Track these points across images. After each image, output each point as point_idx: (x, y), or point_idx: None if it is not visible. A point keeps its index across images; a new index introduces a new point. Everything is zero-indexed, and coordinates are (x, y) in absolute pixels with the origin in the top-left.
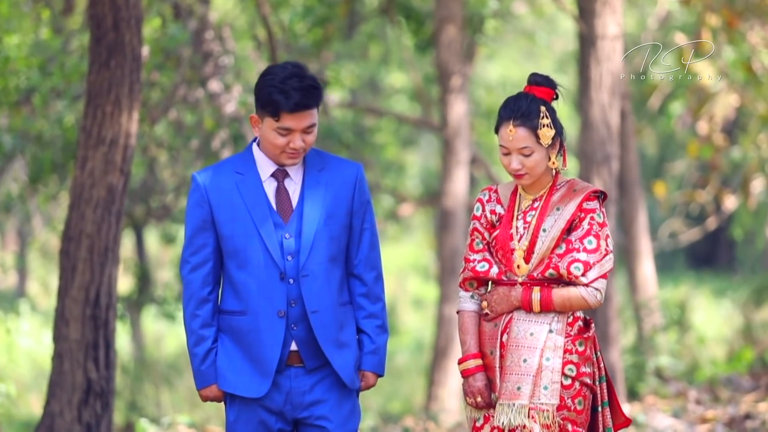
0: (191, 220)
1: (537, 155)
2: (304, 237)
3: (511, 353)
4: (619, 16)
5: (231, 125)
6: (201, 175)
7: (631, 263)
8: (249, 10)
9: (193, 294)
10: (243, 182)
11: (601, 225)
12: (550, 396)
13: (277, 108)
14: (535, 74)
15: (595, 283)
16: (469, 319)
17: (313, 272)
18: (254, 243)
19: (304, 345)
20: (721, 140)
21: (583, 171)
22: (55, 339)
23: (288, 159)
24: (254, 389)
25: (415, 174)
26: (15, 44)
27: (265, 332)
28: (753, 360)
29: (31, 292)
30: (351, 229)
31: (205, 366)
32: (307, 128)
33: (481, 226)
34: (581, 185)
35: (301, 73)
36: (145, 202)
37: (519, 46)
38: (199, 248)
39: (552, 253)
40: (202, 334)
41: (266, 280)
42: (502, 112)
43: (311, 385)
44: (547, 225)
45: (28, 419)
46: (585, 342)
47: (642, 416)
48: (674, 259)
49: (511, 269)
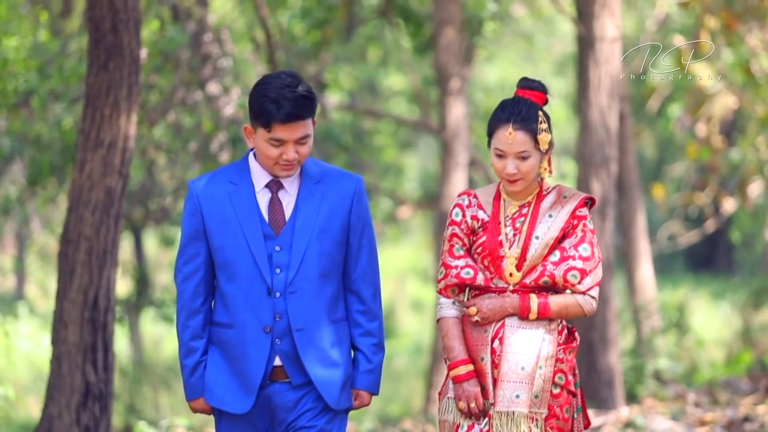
0: (185, 228)
1: (533, 160)
2: (295, 251)
3: (507, 360)
4: (618, 19)
5: (229, 128)
6: (196, 184)
7: (630, 266)
8: (247, 13)
9: (184, 304)
10: (236, 192)
11: (592, 232)
12: (540, 404)
13: (268, 118)
14: (527, 79)
15: (591, 291)
16: (453, 325)
17: (301, 288)
18: (243, 255)
19: (289, 360)
20: (720, 142)
21: (582, 173)
22: (54, 342)
23: (282, 171)
24: (239, 405)
25: (413, 176)
26: (13, 46)
27: (251, 347)
28: (752, 363)
29: (29, 295)
30: (348, 244)
31: (194, 378)
32: (300, 139)
33: (461, 232)
34: (570, 191)
35: (294, 83)
36: (143, 205)
37: (518, 49)
38: (191, 258)
39: (545, 261)
40: (191, 345)
41: (253, 293)
42: (500, 115)
43: (296, 400)
44: (540, 232)
45: (27, 422)
46: (573, 351)
47: (641, 419)
48: (673, 261)
49: (501, 276)
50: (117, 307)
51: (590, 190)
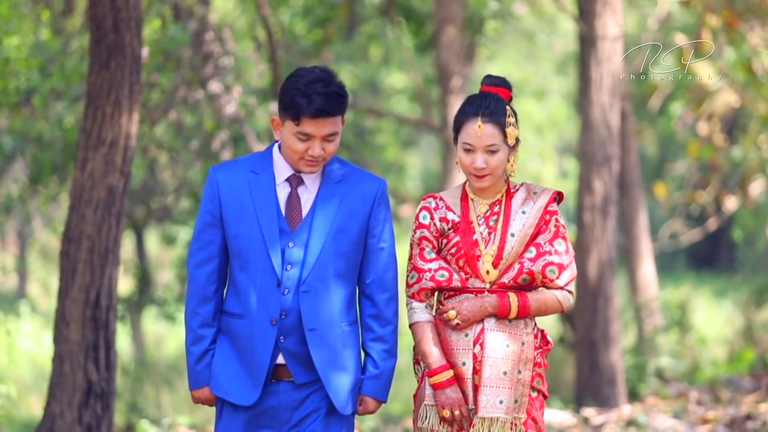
0: (202, 214)
1: (501, 154)
2: (311, 249)
3: (489, 365)
4: (620, 17)
5: (231, 126)
6: (216, 170)
7: (632, 264)
8: (249, 11)
9: (196, 290)
10: (256, 182)
11: (564, 227)
12: (519, 409)
13: (298, 111)
14: (491, 76)
15: (568, 286)
16: (429, 330)
17: (314, 288)
18: (256, 246)
19: (293, 359)
20: (722, 140)
21: (584, 172)
22: (56, 340)
23: (306, 166)
24: (245, 397)
25: (415, 175)
26: (15, 45)
27: (259, 339)
28: (754, 361)
29: (31, 294)
30: (366, 247)
31: (200, 366)
32: (328, 136)
33: (430, 235)
34: (538, 187)
35: (327, 78)
36: (145, 204)
37: (519, 47)
38: (206, 244)
39: (521, 258)
40: (200, 333)
41: (263, 285)
42: (468, 108)
43: (300, 399)
44: (515, 229)
45: (29, 421)
46: (547, 355)
47: (643, 417)
48: (675, 259)
49: (477, 276)
50: (119, 305)
51: (592, 188)
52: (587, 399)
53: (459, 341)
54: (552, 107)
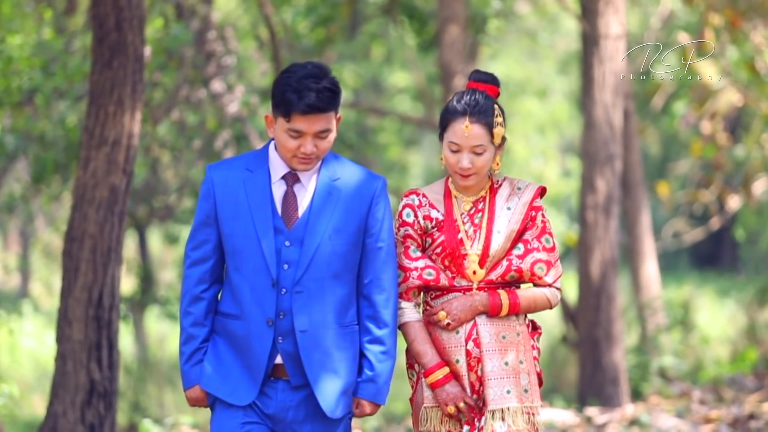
0: (198, 213)
1: (488, 154)
2: (306, 248)
3: (489, 359)
4: (622, 16)
5: (234, 125)
6: (212, 168)
7: (635, 263)
8: (251, 10)
9: (188, 290)
10: (251, 180)
11: (549, 223)
12: (531, 398)
13: (288, 108)
14: (479, 71)
15: (556, 283)
16: (420, 329)
17: (308, 288)
18: (251, 245)
19: (291, 359)
20: (725, 139)
21: (587, 171)
22: (58, 340)
23: (299, 164)
24: (240, 396)
25: (417, 174)
26: (17, 44)
27: (256, 340)
28: (757, 360)
29: (34, 293)
30: (364, 246)
31: (189, 365)
32: (320, 133)
33: (414, 233)
34: (521, 182)
35: (319, 74)
36: (147, 203)
37: (522, 46)
38: (201, 243)
39: (508, 255)
40: (191, 332)
41: (258, 285)
42: (455, 107)
43: (298, 401)
44: (500, 226)
45: (32, 420)
46: (539, 338)
47: (645, 416)
48: (678, 259)
49: (463, 275)
50: (121, 304)
51: (595, 187)
52: (590, 398)
53: (450, 339)
54: (555, 106)
